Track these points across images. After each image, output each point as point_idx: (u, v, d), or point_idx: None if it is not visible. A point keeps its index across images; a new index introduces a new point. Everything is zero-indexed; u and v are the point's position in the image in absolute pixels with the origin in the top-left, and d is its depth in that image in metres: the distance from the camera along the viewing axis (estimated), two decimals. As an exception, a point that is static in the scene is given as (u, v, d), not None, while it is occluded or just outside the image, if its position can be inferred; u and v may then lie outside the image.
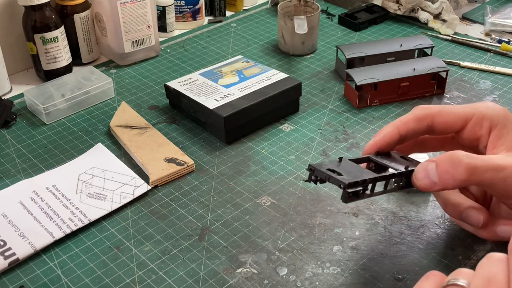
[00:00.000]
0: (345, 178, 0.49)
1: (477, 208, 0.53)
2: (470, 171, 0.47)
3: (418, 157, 0.64)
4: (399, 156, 0.56)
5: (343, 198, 0.49)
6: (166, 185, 0.67)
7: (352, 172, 0.51)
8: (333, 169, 0.51)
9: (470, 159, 0.47)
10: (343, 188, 0.48)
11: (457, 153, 0.48)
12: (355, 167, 0.52)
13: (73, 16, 0.87)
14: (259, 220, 0.62)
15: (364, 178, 0.49)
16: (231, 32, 1.02)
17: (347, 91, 0.83)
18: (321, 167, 0.51)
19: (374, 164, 0.55)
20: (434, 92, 0.83)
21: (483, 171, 0.48)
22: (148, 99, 0.83)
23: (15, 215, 0.62)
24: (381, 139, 0.55)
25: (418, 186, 0.50)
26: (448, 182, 0.48)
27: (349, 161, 0.54)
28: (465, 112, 0.54)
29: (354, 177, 0.49)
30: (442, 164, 0.48)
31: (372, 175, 0.51)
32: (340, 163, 0.53)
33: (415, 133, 0.55)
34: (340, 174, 0.50)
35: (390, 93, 0.81)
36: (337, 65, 0.90)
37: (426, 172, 0.49)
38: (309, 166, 0.51)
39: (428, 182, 0.49)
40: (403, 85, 0.81)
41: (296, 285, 0.54)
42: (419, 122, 0.54)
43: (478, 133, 0.53)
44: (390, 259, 0.57)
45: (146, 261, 0.57)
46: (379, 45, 0.87)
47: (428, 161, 0.49)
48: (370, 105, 0.81)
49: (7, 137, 0.76)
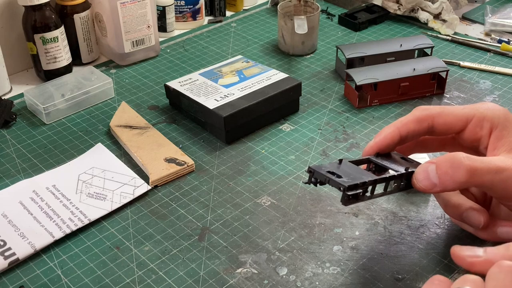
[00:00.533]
0: (345, 181, 0.49)
1: (478, 209, 0.53)
2: (470, 173, 0.47)
3: (418, 157, 0.65)
4: (400, 157, 0.56)
5: (343, 201, 0.48)
6: (166, 185, 0.67)
7: (352, 174, 0.50)
8: (333, 171, 0.50)
9: (470, 161, 0.47)
10: (342, 191, 0.48)
11: (457, 155, 0.48)
12: (355, 169, 0.52)
13: (73, 16, 0.87)
14: (259, 220, 0.62)
15: (364, 180, 0.49)
16: (231, 32, 1.02)
17: (347, 91, 0.83)
18: (320, 169, 0.51)
19: (374, 165, 0.55)
20: (434, 92, 0.83)
21: (483, 173, 0.48)
22: (148, 99, 0.83)
23: (15, 215, 0.62)
24: (381, 140, 0.55)
25: (418, 188, 0.50)
26: (448, 184, 0.48)
27: (349, 163, 0.53)
28: (466, 113, 0.54)
29: (353, 180, 0.49)
30: (442, 165, 0.48)
31: (372, 177, 0.50)
32: (340, 164, 0.53)
33: (415, 134, 0.55)
34: (340, 176, 0.50)
35: (390, 93, 0.81)
36: (337, 65, 0.90)
37: (426, 174, 0.49)
38: (309, 168, 0.51)
39: (428, 183, 0.49)
40: (403, 85, 0.81)
41: (296, 285, 0.54)
42: (420, 123, 0.54)
43: (478, 134, 0.53)
44: (390, 259, 0.57)
45: (146, 261, 0.57)
46: (379, 45, 0.87)
47: (428, 162, 0.49)
48: (370, 105, 0.81)
49: (7, 137, 0.76)
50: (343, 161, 0.53)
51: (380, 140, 0.55)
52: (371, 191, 0.50)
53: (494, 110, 0.53)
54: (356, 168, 0.52)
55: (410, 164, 0.54)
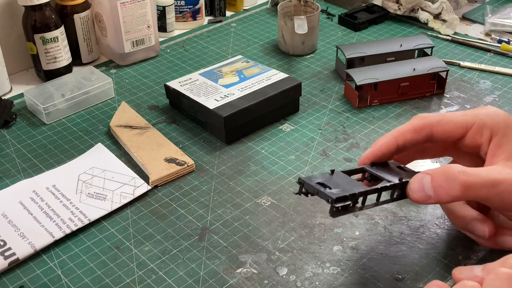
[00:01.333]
0: (333, 192, 0.48)
1: (482, 220, 0.53)
2: (465, 188, 0.47)
3: (418, 164, 0.64)
4: (396, 166, 0.56)
5: (331, 212, 0.48)
6: (166, 185, 0.67)
7: (342, 185, 0.50)
8: (323, 183, 0.50)
9: (465, 176, 0.47)
10: (330, 203, 0.48)
11: (452, 168, 0.48)
12: (347, 180, 0.52)
13: (73, 16, 0.87)
14: (259, 220, 0.62)
15: (354, 192, 0.49)
16: (231, 32, 1.02)
17: (347, 91, 0.83)
18: (310, 180, 0.50)
19: (370, 175, 0.54)
20: (434, 92, 0.83)
21: (478, 188, 0.47)
22: (148, 99, 0.83)
23: (15, 215, 0.62)
24: (377, 149, 0.54)
25: (412, 199, 0.50)
26: (442, 197, 0.48)
27: (342, 173, 0.53)
28: (466, 121, 0.53)
29: (343, 191, 0.49)
30: (437, 178, 0.48)
31: (363, 188, 0.50)
32: (332, 175, 0.52)
33: (413, 143, 0.54)
34: (330, 187, 0.49)
35: (390, 93, 0.81)
36: (337, 65, 0.90)
37: (421, 185, 0.49)
38: (299, 180, 0.51)
39: (422, 195, 0.49)
40: (403, 85, 0.81)
41: (296, 285, 0.54)
42: (417, 132, 0.54)
43: (478, 141, 0.53)
44: (390, 259, 0.57)
45: (146, 261, 0.57)
46: (379, 45, 0.87)
47: (424, 173, 0.49)
48: (370, 105, 0.81)
49: (7, 137, 0.76)
50: (336, 172, 0.53)
51: (376, 149, 0.54)
52: (362, 201, 0.50)
53: (494, 116, 0.53)
54: (348, 179, 0.52)
55: (405, 174, 0.53)
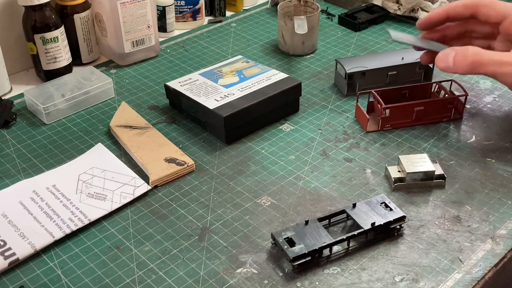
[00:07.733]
0: (294, 251, 0.54)
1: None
2: (474, 65, 0.61)
3: (416, 164, 0.65)
4: (385, 205, 0.60)
5: (293, 269, 0.55)
6: (166, 185, 0.67)
7: (310, 239, 0.55)
8: (291, 238, 0.55)
9: (475, 56, 0.61)
10: (289, 262, 0.55)
11: (467, 50, 0.61)
12: (318, 232, 0.56)
13: (73, 16, 0.87)
14: (259, 220, 0.62)
15: (315, 247, 0.54)
16: (231, 32, 1.02)
17: (358, 113, 0.78)
18: (280, 236, 0.56)
19: (347, 217, 0.60)
20: (451, 117, 0.77)
21: (486, 66, 0.60)
22: (148, 99, 0.83)
23: (15, 215, 0.62)
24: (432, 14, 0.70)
25: (437, 65, 0.63)
26: (457, 70, 0.62)
27: (317, 223, 0.58)
28: (506, 11, 0.66)
29: (306, 247, 0.54)
30: (457, 54, 0.61)
31: (329, 240, 0.55)
32: (306, 225, 0.57)
33: (459, 17, 0.69)
34: (295, 243, 0.55)
35: (403, 118, 0.75)
36: (336, 79, 0.86)
37: (445, 57, 0.62)
38: (271, 235, 0.57)
39: (444, 65, 0.62)
40: (418, 109, 0.74)
41: (296, 285, 0.54)
42: (467, 8, 0.68)
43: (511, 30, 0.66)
44: (390, 259, 0.57)
45: (146, 261, 0.57)
46: (379, 58, 0.84)
47: (451, 48, 0.62)
48: (382, 129, 0.75)
49: (7, 137, 0.76)
50: (310, 221, 0.58)
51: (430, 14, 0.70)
52: (330, 250, 0.56)
53: None
54: (318, 230, 0.57)
55: (386, 215, 0.58)
